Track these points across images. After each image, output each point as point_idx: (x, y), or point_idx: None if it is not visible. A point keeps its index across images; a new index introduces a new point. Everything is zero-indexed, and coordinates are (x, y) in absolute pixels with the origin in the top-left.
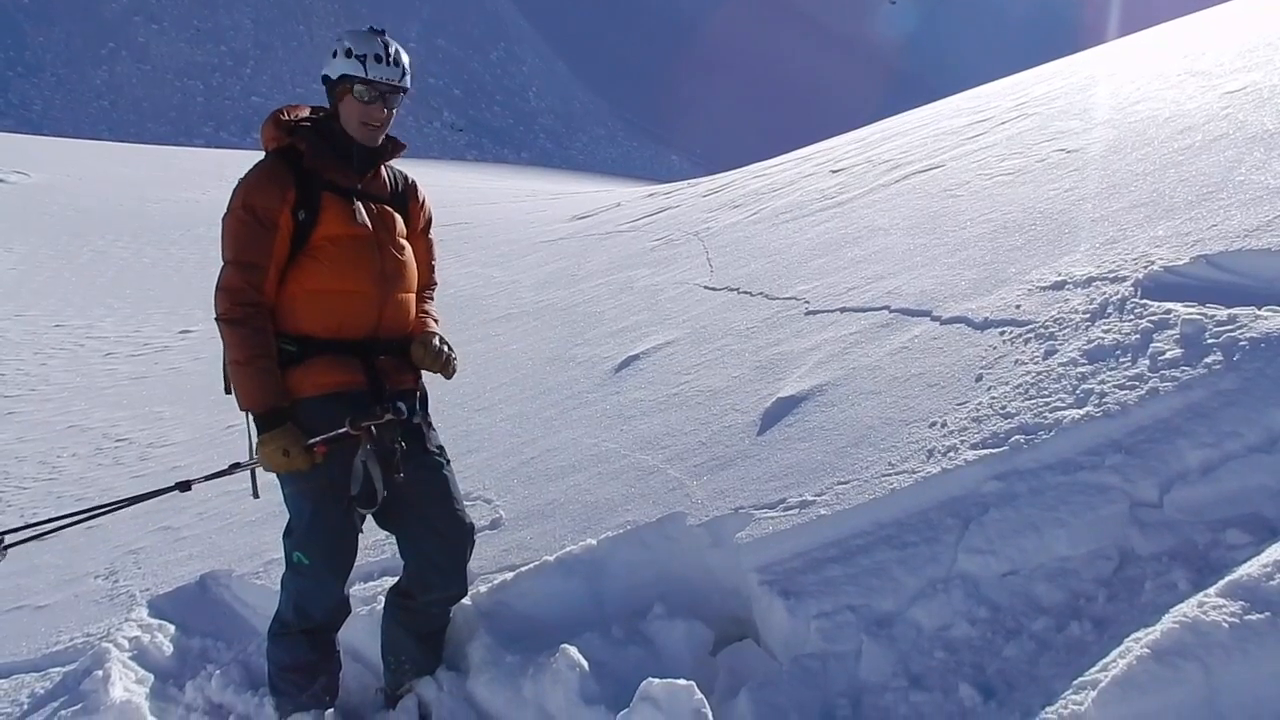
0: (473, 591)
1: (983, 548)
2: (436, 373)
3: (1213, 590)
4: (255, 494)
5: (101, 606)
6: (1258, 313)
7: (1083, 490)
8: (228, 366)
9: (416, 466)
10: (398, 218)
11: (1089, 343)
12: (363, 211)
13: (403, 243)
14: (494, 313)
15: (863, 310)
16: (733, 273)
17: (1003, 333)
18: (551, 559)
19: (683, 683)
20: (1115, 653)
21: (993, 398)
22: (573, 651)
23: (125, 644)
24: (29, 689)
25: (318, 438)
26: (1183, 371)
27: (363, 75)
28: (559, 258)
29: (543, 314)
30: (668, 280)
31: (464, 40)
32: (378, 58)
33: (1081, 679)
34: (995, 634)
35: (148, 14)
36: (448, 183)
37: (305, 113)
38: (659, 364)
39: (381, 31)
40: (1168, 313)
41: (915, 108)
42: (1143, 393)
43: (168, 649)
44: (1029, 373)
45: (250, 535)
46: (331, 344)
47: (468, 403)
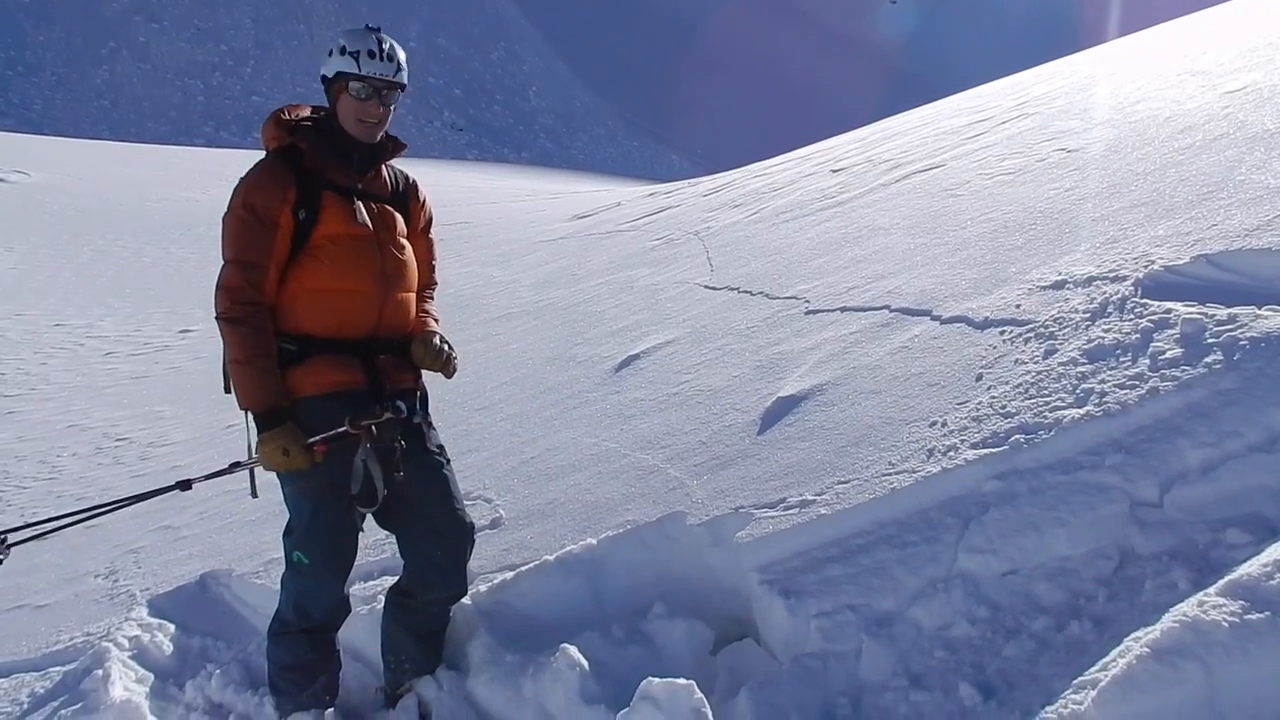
0: (473, 591)
1: (983, 547)
2: (437, 372)
3: (1213, 590)
4: (254, 493)
5: (101, 606)
6: (1258, 312)
7: (1083, 490)
8: (228, 365)
9: (417, 466)
10: (398, 217)
11: (1089, 342)
12: (363, 211)
13: (403, 242)
14: (494, 312)
15: (863, 310)
16: (733, 272)
17: (1003, 332)
18: (551, 558)
19: (683, 682)
20: (1115, 652)
21: (993, 397)
22: (573, 651)
23: (125, 643)
24: (29, 688)
25: (317, 437)
26: (1183, 371)
27: (356, 71)
28: (559, 257)
29: (543, 313)
30: (668, 280)
31: (464, 40)
32: (371, 54)
33: (1081, 678)
34: (995, 633)
35: (148, 13)
36: (448, 182)
37: (306, 112)
38: (659, 363)
39: (377, 29)
40: (1168, 312)
41: (915, 107)
42: (1143, 392)
43: (168, 648)
44: (1029, 372)
45: (250, 535)
46: (331, 343)
47: (468, 402)
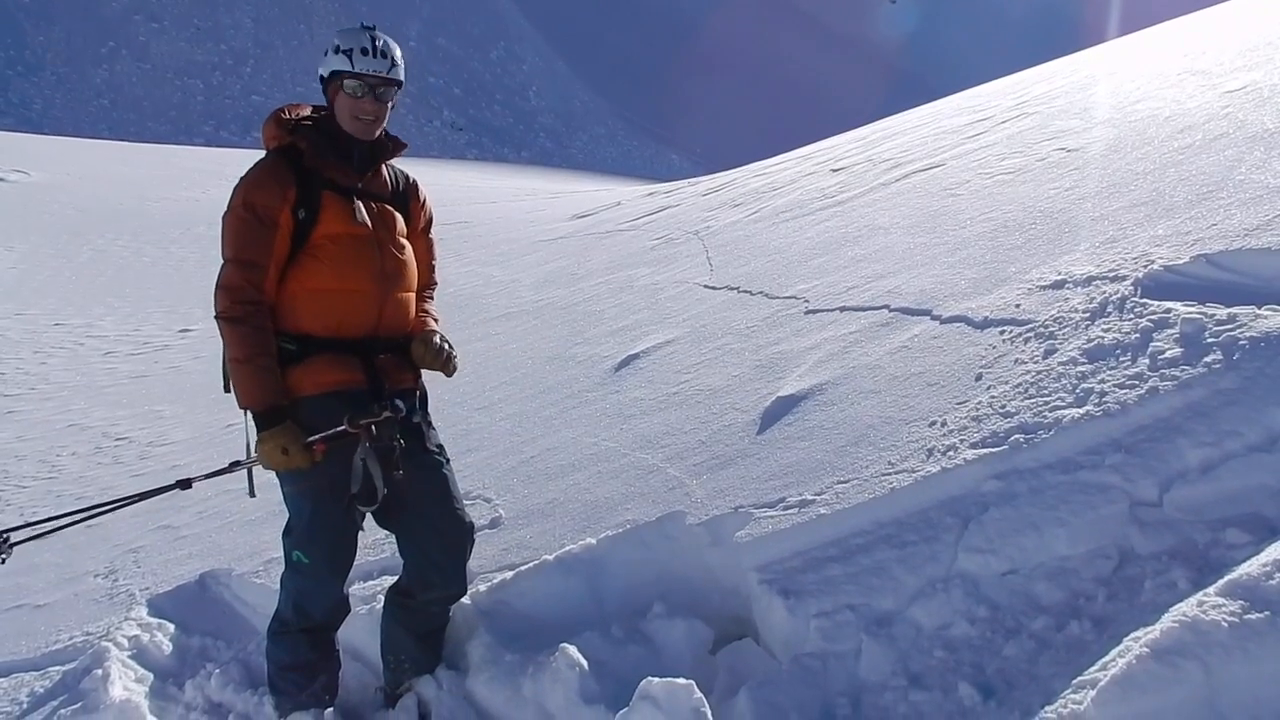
0: (472, 590)
1: (982, 547)
2: (437, 371)
3: (1212, 589)
4: (251, 492)
5: (101, 605)
6: (1258, 312)
7: (1082, 489)
8: (227, 365)
9: (416, 465)
10: (398, 217)
11: (1089, 342)
12: (363, 210)
13: (403, 242)
14: (494, 311)
15: (862, 309)
16: (733, 272)
17: (1002, 332)
18: (551, 558)
19: (682, 682)
20: (1115, 652)
21: (992, 397)
22: (572, 650)
23: (125, 643)
24: (28, 687)
25: (317, 436)
26: (1183, 371)
27: (350, 69)
28: (559, 256)
29: (542, 313)
30: (668, 279)
31: (464, 39)
32: (364, 51)
33: (1081, 678)
34: (995, 633)
35: (148, 13)
36: (448, 181)
37: (306, 111)
38: (659, 363)
39: (371, 27)
40: (1168, 312)
41: (915, 107)
42: (1143, 392)
43: (167, 648)
44: (1029, 372)
45: (250, 534)
46: (331, 342)
47: (467, 401)
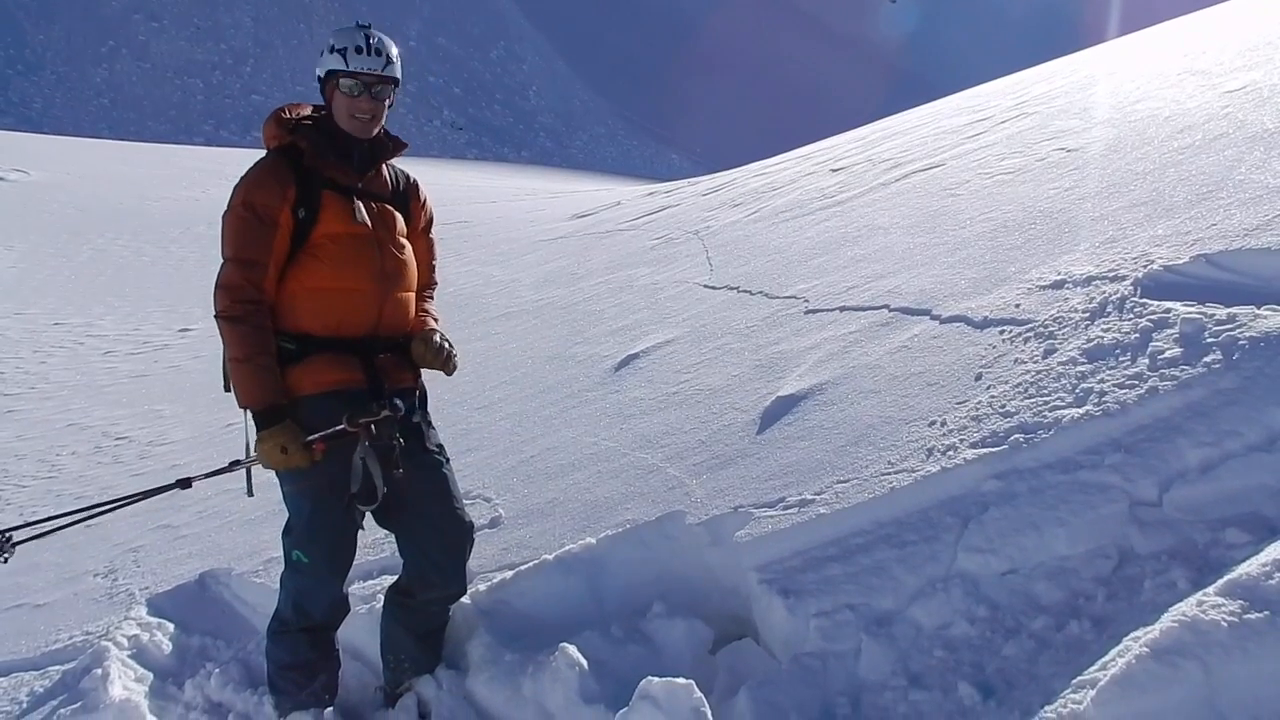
0: (472, 590)
1: (982, 546)
2: (438, 369)
3: (1212, 589)
4: (250, 492)
5: (101, 605)
6: (1257, 312)
7: (1082, 489)
8: (227, 364)
9: (416, 465)
10: (398, 216)
11: (1088, 342)
12: (363, 210)
13: (403, 241)
14: (494, 311)
15: (862, 309)
16: (732, 271)
17: (1002, 332)
18: (551, 557)
19: (682, 681)
20: (1114, 651)
21: (992, 396)
22: (572, 650)
23: (125, 642)
24: (28, 687)
25: (316, 435)
26: (1182, 370)
27: (345, 68)
28: (559, 256)
29: (542, 312)
30: (667, 279)
31: (464, 39)
32: (359, 49)
33: (1081, 678)
34: (995, 633)
35: (148, 12)
36: (448, 181)
37: (307, 111)
38: (658, 363)
39: (366, 26)
40: (1167, 312)
41: (915, 106)
42: (1142, 392)
43: (167, 647)
44: (1028, 372)
45: (249, 533)
46: (331, 342)
47: (467, 401)
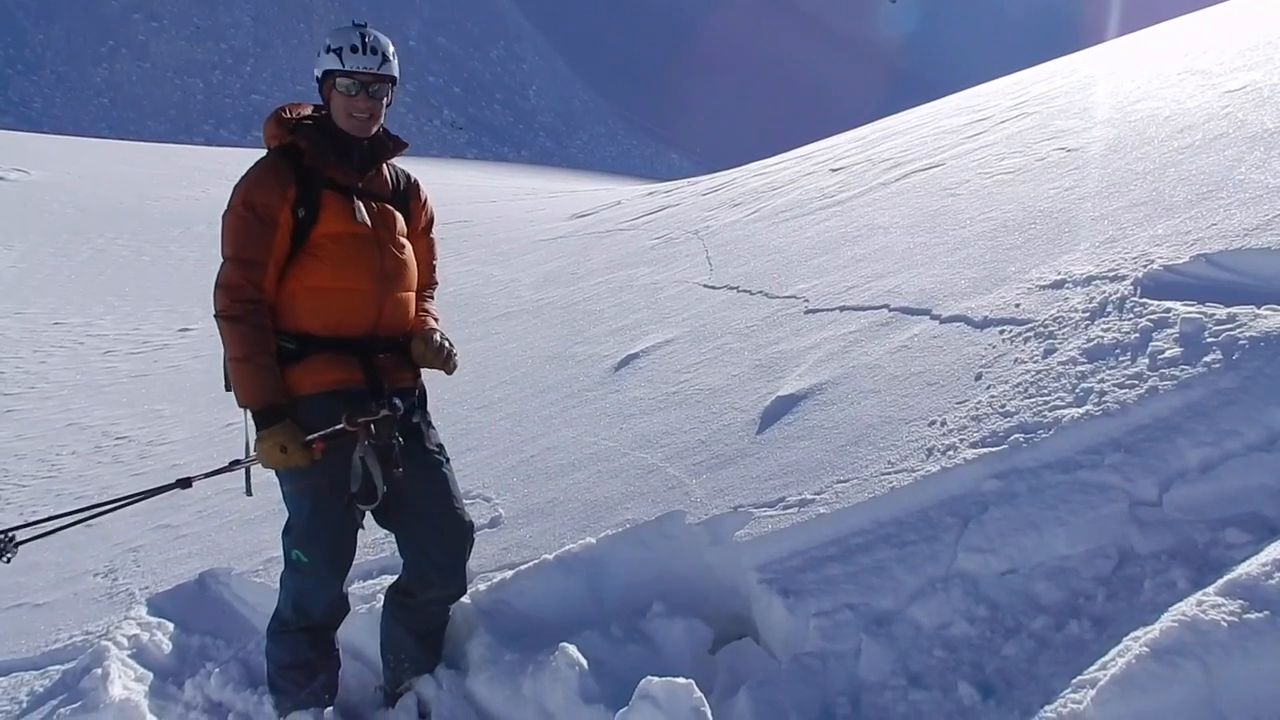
0: (472, 590)
1: (982, 546)
2: (438, 368)
3: (1212, 589)
4: (248, 491)
5: (101, 604)
6: (1257, 311)
7: (1082, 489)
8: (227, 363)
9: (416, 464)
10: (398, 216)
11: (1088, 341)
12: (363, 210)
13: (403, 241)
14: (493, 311)
15: (862, 309)
16: (732, 271)
17: (1002, 331)
18: (551, 557)
19: (682, 681)
20: (1114, 651)
21: (992, 396)
22: (572, 650)
23: (124, 642)
24: (28, 687)
25: (315, 434)
26: (1182, 370)
27: (341, 68)
28: (559, 256)
29: (542, 312)
30: (667, 279)
31: (464, 38)
32: (354, 48)
33: (1080, 677)
34: (994, 632)
35: (148, 11)
36: (448, 181)
37: (307, 111)
38: (658, 362)
39: (362, 25)
40: (1167, 311)
41: (915, 106)
42: (1142, 391)
43: (167, 647)
44: (1028, 371)
45: (249, 533)
46: (330, 342)
47: (467, 401)
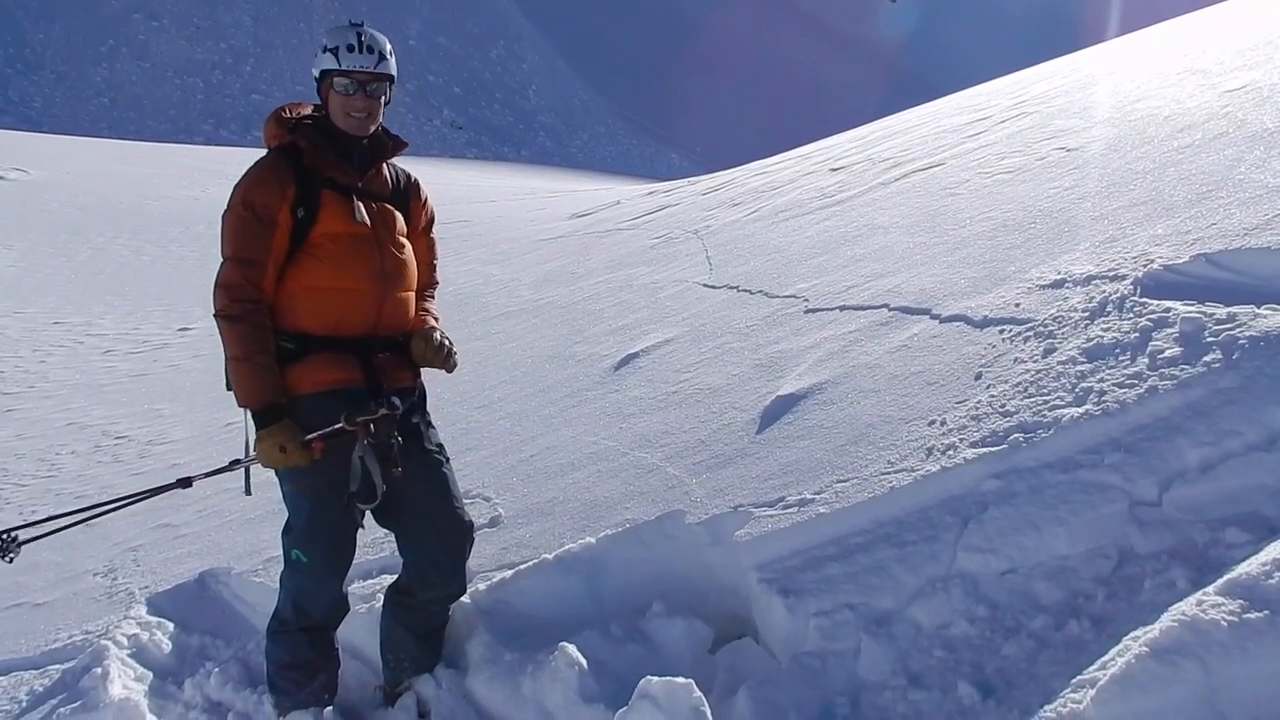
0: (472, 589)
1: (982, 546)
2: (438, 367)
3: (1212, 589)
4: (247, 491)
5: (100, 604)
6: (1257, 311)
7: (1082, 489)
8: (227, 363)
9: (416, 464)
10: (398, 216)
11: (1088, 341)
12: (362, 209)
13: (403, 241)
14: (493, 310)
15: (862, 308)
16: (732, 271)
17: (1002, 331)
18: (550, 557)
19: (682, 681)
20: (1114, 651)
21: (992, 396)
22: (572, 649)
23: (124, 641)
24: (28, 686)
25: (314, 434)
26: (1182, 370)
27: (338, 67)
28: (558, 255)
29: (542, 312)
30: (667, 278)
31: (464, 38)
32: (350, 48)
33: (1080, 677)
34: (994, 632)
35: (148, 11)
36: (448, 180)
37: (308, 110)
38: (658, 362)
39: (359, 24)
40: (1167, 311)
41: (915, 106)
42: (1142, 391)
43: (167, 646)
44: (1028, 371)
45: (249, 533)
46: (330, 341)
47: (467, 400)
